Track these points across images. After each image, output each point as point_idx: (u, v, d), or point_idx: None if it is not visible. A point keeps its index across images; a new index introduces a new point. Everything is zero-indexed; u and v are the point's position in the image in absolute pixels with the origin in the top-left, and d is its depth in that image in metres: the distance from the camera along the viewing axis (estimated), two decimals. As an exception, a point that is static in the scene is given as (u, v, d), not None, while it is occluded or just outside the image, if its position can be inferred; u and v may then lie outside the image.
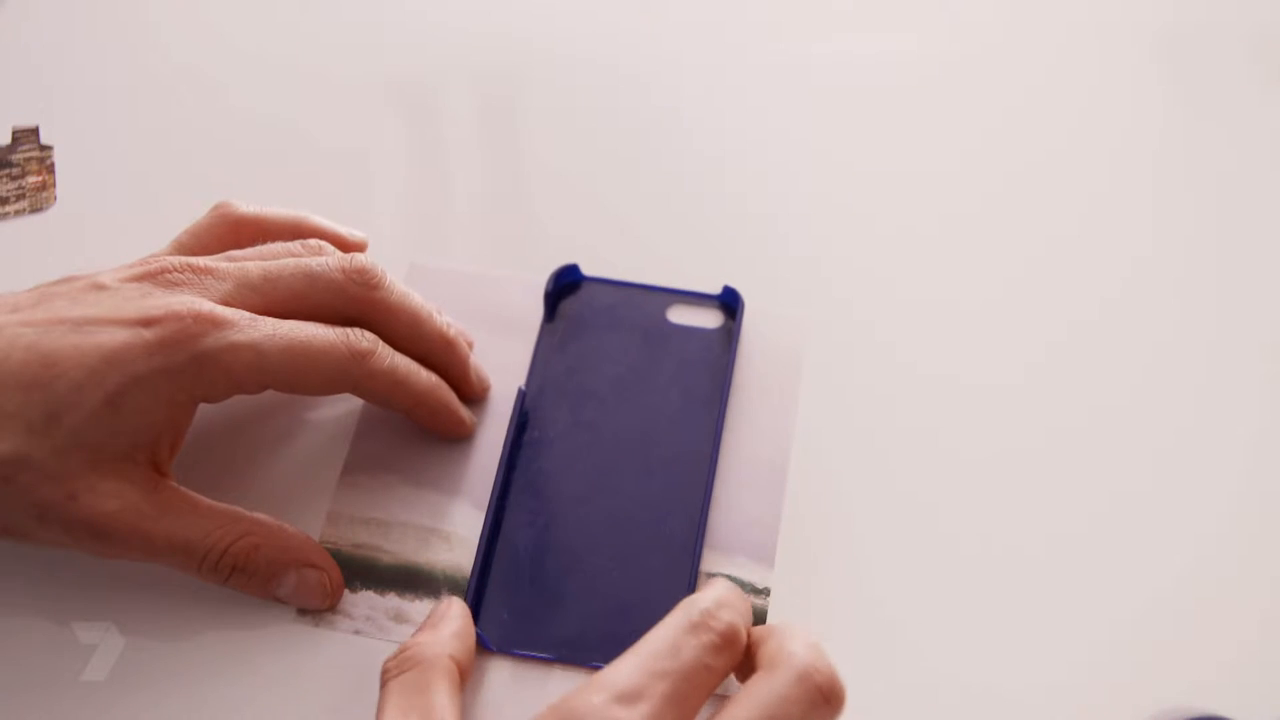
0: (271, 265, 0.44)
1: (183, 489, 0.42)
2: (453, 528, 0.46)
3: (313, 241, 0.47)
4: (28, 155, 0.56)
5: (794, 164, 0.57)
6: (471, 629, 0.42)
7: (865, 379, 0.50)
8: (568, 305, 0.51)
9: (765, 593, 0.45)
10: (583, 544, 0.45)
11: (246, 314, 0.42)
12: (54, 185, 0.55)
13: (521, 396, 0.48)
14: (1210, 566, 0.46)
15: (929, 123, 0.58)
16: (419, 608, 0.44)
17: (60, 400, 0.40)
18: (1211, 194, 0.56)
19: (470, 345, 0.49)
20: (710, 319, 0.51)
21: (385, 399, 0.45)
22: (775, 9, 0.62)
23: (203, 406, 0.48)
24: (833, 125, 0.58)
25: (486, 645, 0.43)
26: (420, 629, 0.41)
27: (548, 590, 0.44)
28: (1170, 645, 0.44)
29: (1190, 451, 0.48)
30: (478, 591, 0.44)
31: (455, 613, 0.42)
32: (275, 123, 0.57)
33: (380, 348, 0.44)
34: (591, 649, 0.43)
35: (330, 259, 0.45)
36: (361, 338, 0.44)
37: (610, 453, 0.47)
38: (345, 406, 0.49)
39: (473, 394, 0.48)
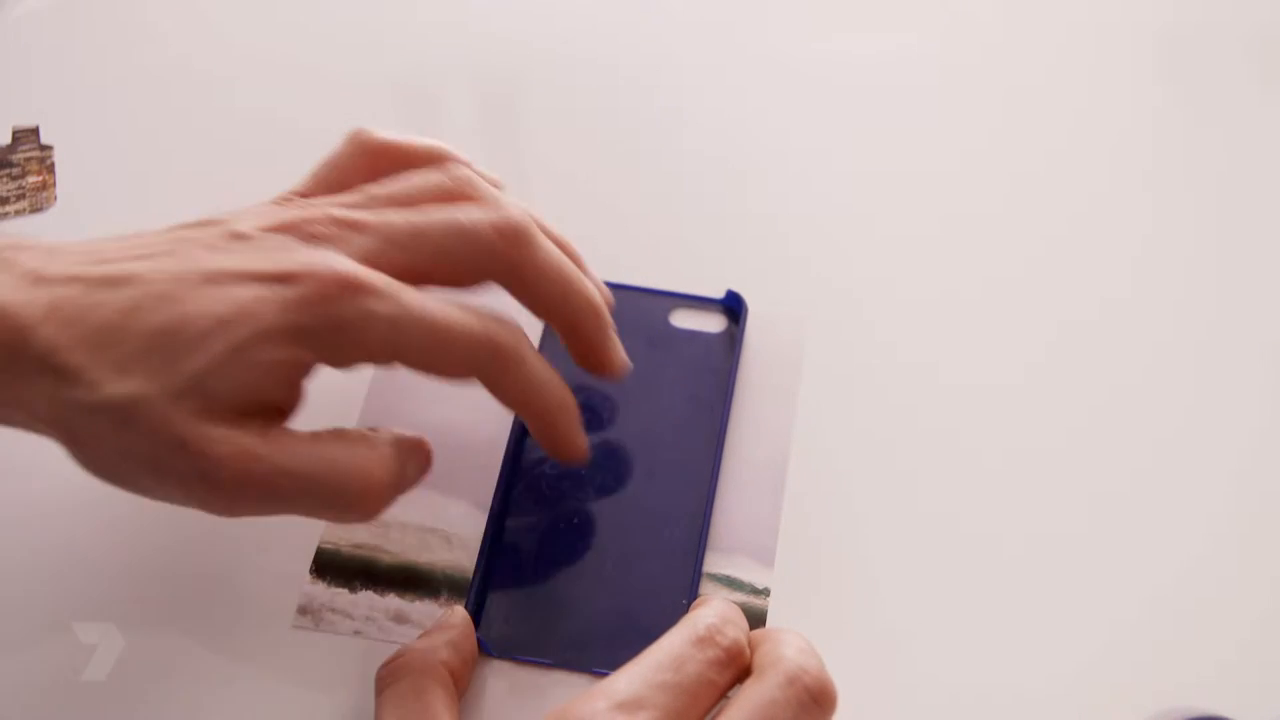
0: (419, 220, 0.41)
1: (299, 432, 0.40)
2: (453, 528, 0.46)
3: (459, 171, 0.43)
4: (28, 155, 0.56)
5: (795, 164, 0.57)
6: (472, 636, 0.42)
7: (865, 379, 0.50)
8: None
9: (765, 593, 0.45)
10: (584, 547, 0.45)
11: (389, 282, 0.39)
12: (54, 185, 0.55)
13: (522, 397, 0.48)
14: (1210, 566, 0.46)
15: (929, 123, 0.58)
16: (419, 608, 0.44)
17: (186, 348, 0.38)
18: (1211, 194, 0.56)
19: (612, 308, 0.45)
20: (713, 323, 0.51)
21: (509, 401, 0.43)
22: (775, 9, 0.62)
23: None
24: (834, 125, 0.58)
25: (487, 650, 0.43)
26: (420, 636, 0.41)
27: (549, 594, 0.44)
28: (1170, 645, 0.44)
29: (1190, 451, 0.48)
30: (479, 595, 0.44)
31: (454, 621, 0.41)
32: (275, 123, 0.57)
33: (521, 345, 0.42)
34: (593, 653, 0.43)
35: (481, 213, 0.42)
36: (506, 332, 0.41)
37: (612, 456, 0.47)
38: (345, 406, 0.49)
39: (610, 373, 0.45)
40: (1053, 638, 0.44)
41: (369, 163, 0.45)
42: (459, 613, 0.42)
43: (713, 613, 0.37)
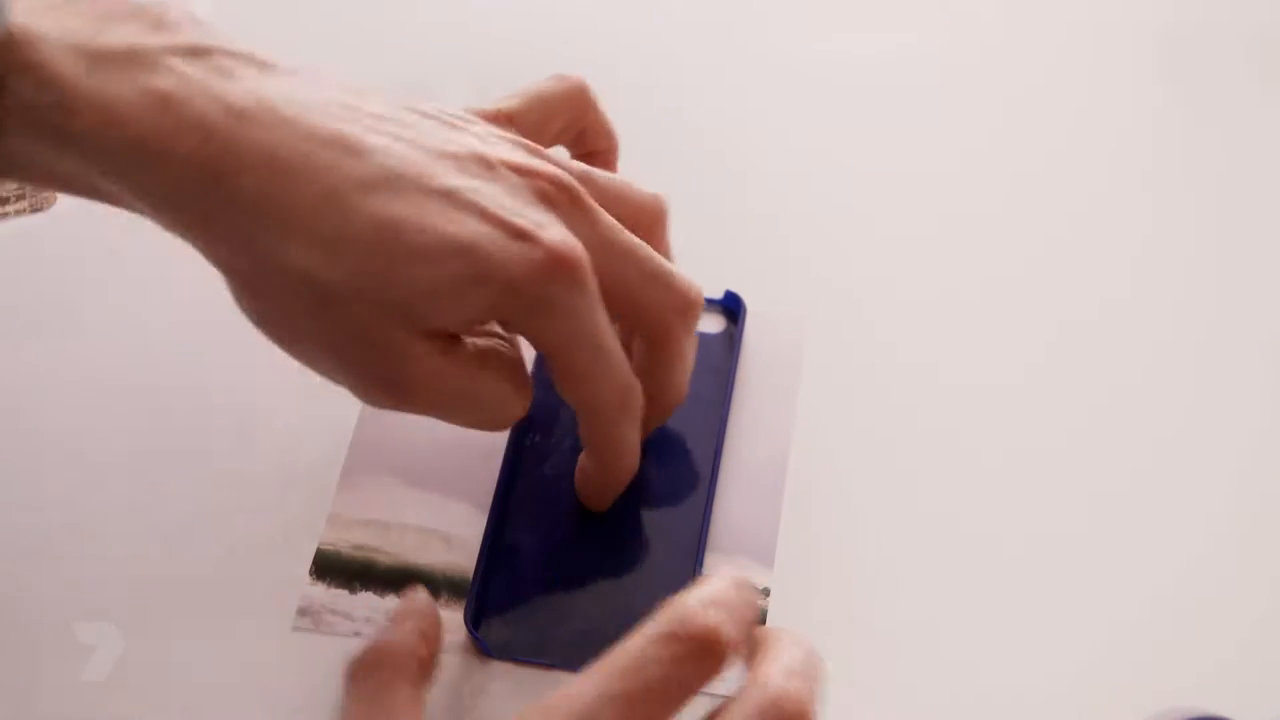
0: (635, 241, 0.41)
1: (469, 353, 0.40)
2: (453, 529, 0.46)
3: (663, 204, 0.44)
4: (28, 155, 0.55)
5: (794, 164, 0.56)
6: (437, 619, 0.41)
7: (865, 379, 0.50)
8: None
9: (765, 593, 0.45)
10: (584, 548, 0.45)
11: (596, 287, 0.39)
12: (54, 185, 0.55)
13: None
14: (1210, 566, 0.46)
15: (929, 123, 0.58)
16: (419, 609, 0.44)
17: (410, 258, 0.37)
18: (1211, 194, 0.56)
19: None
20: (712, 324, 0.51)
21: (596, 447, 0.43)
22: (775, 9, 0.62)
23: (197, 405, 0.48)
24: (833, 125, 0.58)
25: (486, 651, 0.43)
26: (385, 627, 0.40)
27: (549, 595, 0.44)
28: (1170, 645, 0.44)
29: (1190, 451, 0.48)
30: (479, 596, 0.44)
31: (418, 606, 0.40)
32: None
33: (639, 418, 0.43)
34: (593, 654, 0.43)
35: (682, 276, 0.42)
36: (636, 399, 0.42)
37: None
38: (345, 407, 0.49)
39: (658, 425, 0.46)
40: (1053, 638, 0.44)
41: (575, 113, 0.45)
42: (422, 597, 0.41)
43: (696, 596, 0.34)
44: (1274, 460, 0.48)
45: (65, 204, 0.55)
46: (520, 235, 0.38)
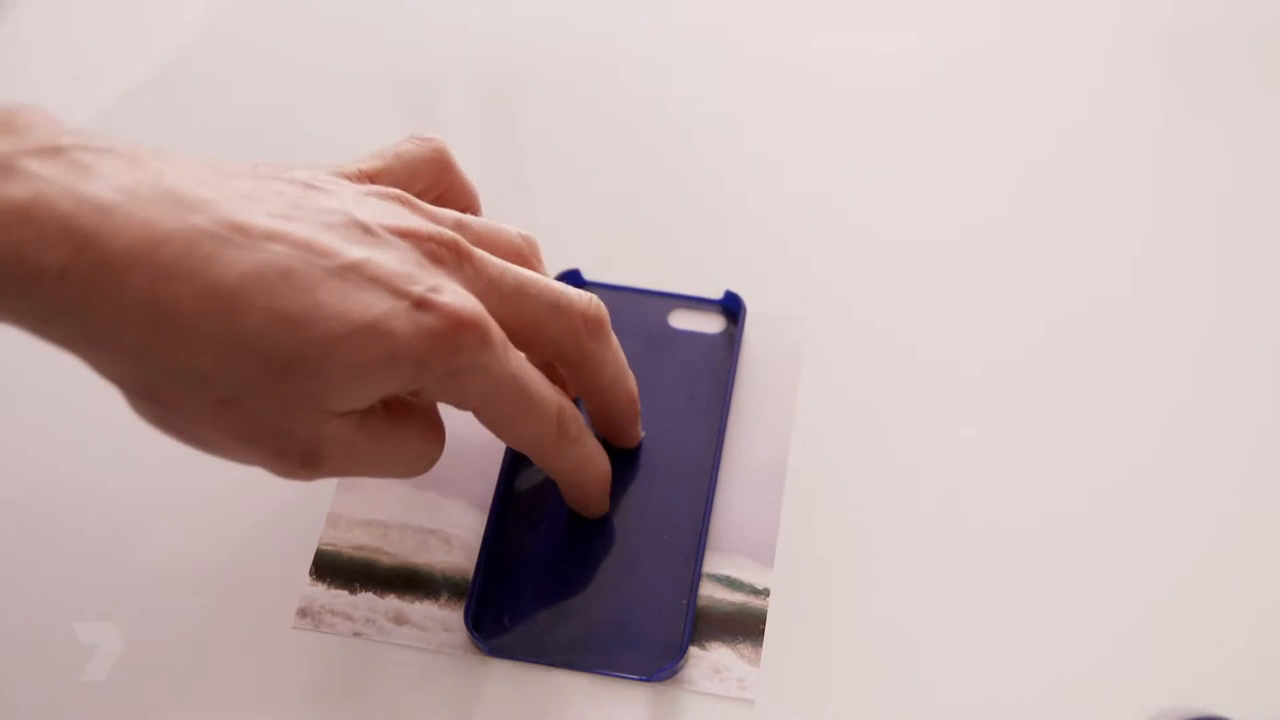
0: (524, 277, 0.41)
1: (383, 419, 0.39)
2: (453, 530, 0.46)
3: (531, 240, 0.44)
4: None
5: (795, 164, 0.57)
6: None
7: (865, 379, 0.50)
8: None
9: (765, 593, 0.45)
10: (584, 548, 0.45)
11: (503, 337, 0.39)
12: (54, 186, 0.55)
13: (522, 398, 0.48)
14: (1211, 565, 0.46)
15: (929, 122, 0.58)
16: (419, 610, 0.44)
17: (311, 348, 0.35)
18: (1211, 193, 0.56)
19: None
20: (712, 324, 0.51)
21: (554, 474, 0.44)
22: (775, 9, 0.62)
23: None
24: (833, 125, 0.58)
25: (486, 651, 0.43)
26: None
27: (548, 595, 0.44)
28: (1170, 645, 0.44)
29: (1191, 450, 0.48)
30: (478, 596, 0.44)
31: None
32: (275, 123, 0.57)
33: (583, 428, 0.43)
34: (592, 654, 0.43)
35: (574, 294, 0.42)
36: (571, 420, 0.42)
37: (612, 457, 0.47)
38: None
39: (627, 446, 0.47)
40: (1054, 637, 0.44)
41: (436, 175, 0.44)
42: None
43: None
44: (1274, 460, 0.48)
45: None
46: (421, 304, 0.37)
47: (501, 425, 0.41)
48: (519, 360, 0.40)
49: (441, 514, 0.46)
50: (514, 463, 0.47)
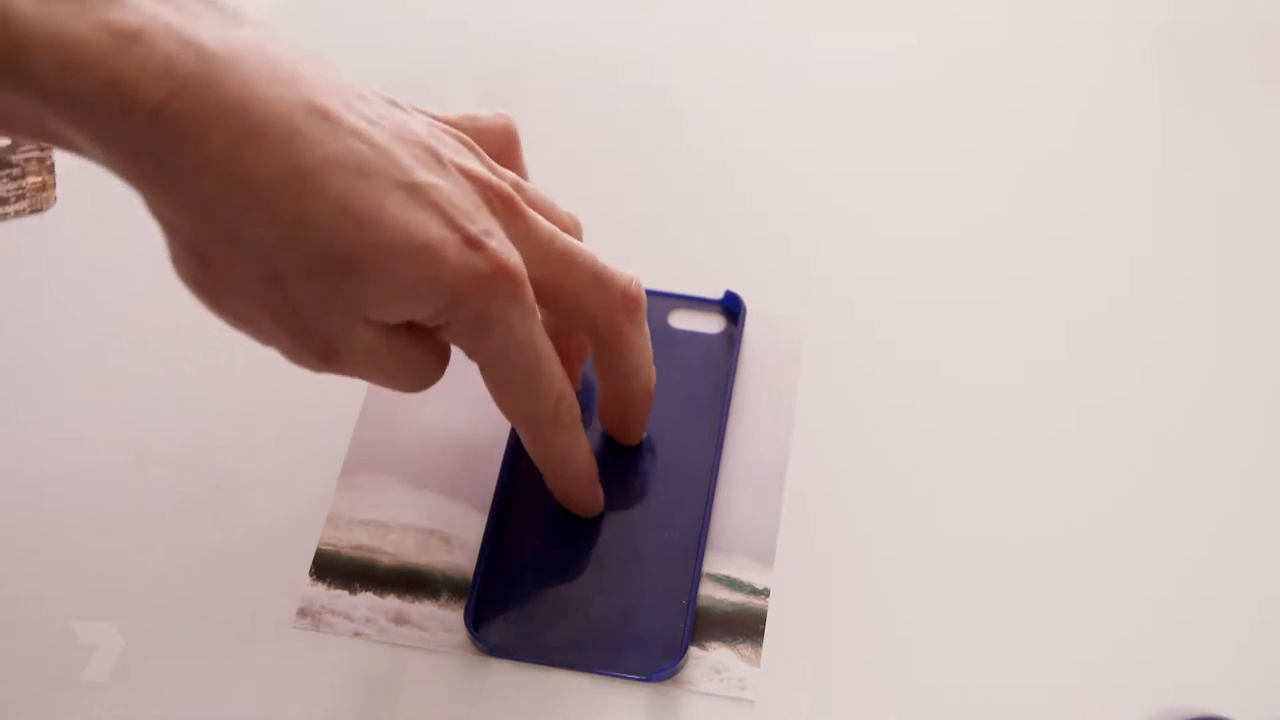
0: (573, 245, 0.42)
1: (403, 334, 0.40)
2: (453, 530, 0.46)
3: (578, 221, 0.45)
4: (28, 155, 0.56)
5: (794, 165, 0.56)
6: None
7: (864, 379, 0.50)
8: None
9: (765, 593, 0.45)
10: (584, 548, 0.45)
11: (533, 298, 0.40)
12: (54, 185, 0.55)
13: (522, 398, 0.48)
14: (1210, 566, 0.46)
15: (929, 122, 0.58)
16: (419, 609, 0.44)
17: (369, 251, 0.36)
18: (1211, 194, 0.56)
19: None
20: (712, 324, 0.51)
21: (540, 458, 0.44)
22: (775, 9, 0.62)
23: (197, 405, 0.48)
24: (833, 126, 0.58)
25: (486, 651, 0.43)
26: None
27: (548, 595, 0.44)
28: (1170, 645, 0.44)
29: (1191, 451, 0.48)
30: (478, 596, 0.44)
31: None
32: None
33: (577, 417, 0.43)
34: (593, 654, 0.43)
35: (619, 272, 0.43)
36: (567, 407, 0.42)
37: (611, 458, 0.47)
38: (345, 406, 0.49)
39: (630, 442, 0.47)
40: (1053, 638, 0.44)
41: (500, 147, 0.44)
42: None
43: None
44: (1274, 460, 0.48)
45: (65, 204, 0.55)
46: (472, 243, 0.38)
47: (504, 388, 0.41)
48: (540, 331, 0.41)
49: (441, 514, 0.46)
50: (514, 464, 0.47)
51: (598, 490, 0.46)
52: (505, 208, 0.40)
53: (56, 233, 0.53)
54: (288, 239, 0.36)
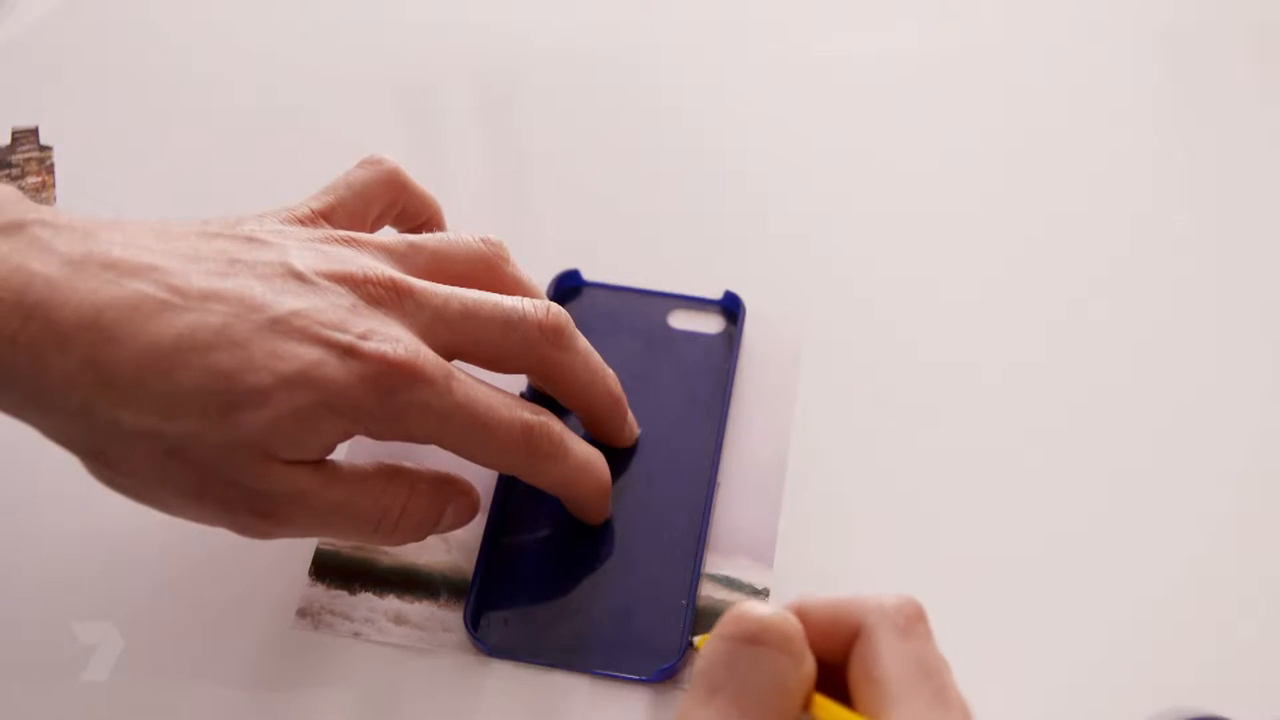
0: (470, 301, 0.41)
1: (345, 467, 0.40)
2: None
3: (495, 243, 0.44)
4: (27, 155, 0.56)
5: (794, 165, 0.57)
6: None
7: (864, 379, 0.50)
8: (569, 310, 0.51)
9: (765, 593, 0.45)
10: (583, 548, 0.45)
11: (444, 372, 0.39)
12: (54, 185, 0.55)
13: (522, 398, 0.48)
14: (1210, 566, 0.46)
15: (929, 122, 0.58)
16: (418, 610, 0.44)
17: (245, 398, 0.37)
18: (1211, 193, 0.56)
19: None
20: (711, 324, 0.51)
21: (547, 488, 0.44)
22: (775, 8, 0.62)
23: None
24: (833, 126, 0.58)
25: (486, 651, 0.43)
26: None
27: (548, 595, 0.44)
28: (1170, 645, 0.44)
29: (1190, 451, 0.48)
30: (478, 597, 0.44)
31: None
32: (275, 122, 0.57)
33: (558, 438, 0.42)
34: (593, 654, 0.43)
35: (528, 307, 0.42)
36: (543, 436, 0.42)
37: (611, 457, 0.47)
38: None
39: (622, 445, 0.47)
40: (1053, 637, 0.44)
41: (392, 196, 0.45)
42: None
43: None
44: (1274, 460, 0.48)
45: (65, 204, 0.55)
46: (350, 352, 0.38)
47: (465, 453, 0.41)
48: (468, 389, 0.40)
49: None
50: (514, 463, 0.47)
51: (608, 501, 0.45)
52: (390, 293, 0.40)
53: None
54: (167, 415, 0.37)
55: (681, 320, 0.51)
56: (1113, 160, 0.57)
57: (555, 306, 0.43)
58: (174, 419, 0.37)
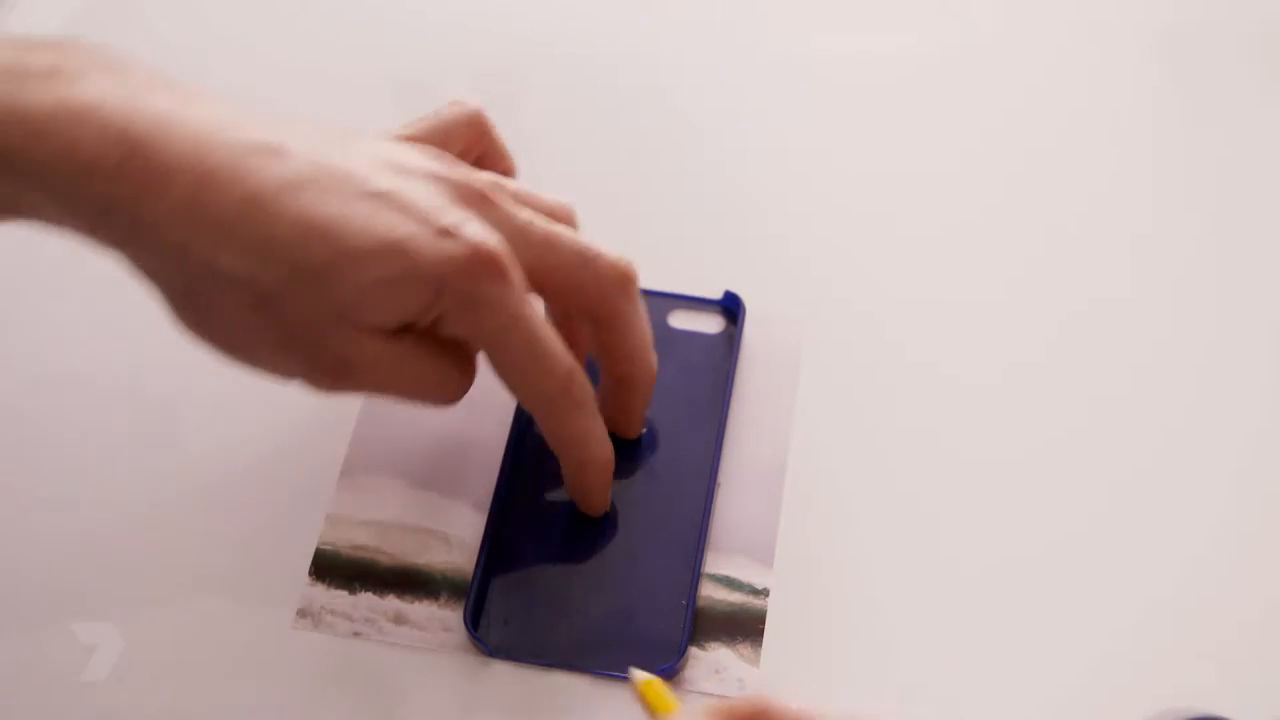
0: (553, 229, 0.42)
1: (408, 339, 0.40)
2: (452, 530, 0.46)
3: (565, 201, 0.45)
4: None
5: (793, 165, 0.56)
6: None
7: (864, 379, 0.50)
8: None
9: (764, 593, 0.45)
10: (583, 548, 0.45)
11: (524, 281, 0.40)
12: (54, 185, 0.55)
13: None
14: (1210, 566, 0.46)
15: (929, 122, 0.58)
16: (418, 610, 0.44)
17: (340, 257, 0.38)
18: (1211, 193, 0.56)
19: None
20: (711, 324, 0.51)
21: (558, 443, 0.44)
22: (775, 8, 0.62)
23: (197, 405, 0.48)
24: (832, 126, 0.58)
25: (486, 651, 0.43)
26: None
27: (548, 595, 0.44)
28: (1170, 645, 0.44)
29: (1190, 452, 0.48)
30: (478, 596, 0.44)
31: None
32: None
33: (590, 398, 0.43)
34: (593, 654, 0.43)
35: (606, 251, 0.43)
36: (580, 385, 0.42)
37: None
38: (345, 406, 0.49)
39: (630, 435, 0.47)
40: (1053, 638, 0.44)
41: (472, 137, 0.45)
42: None
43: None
44: (1274, 460, 0.48)
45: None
46: (444, 233, 0.39)
47: (511, 371, 0.41)
48: (535, 310, 0.41)
49: (441, 514, 0.46)
50: (514, 463, 0.47)
51: (609, 485, 0.45)
52: (478, 199, 0.41)
53: (56, 233, 0.53)
54: (261, 263, 0.38)
55: (681, 320, 0.51)
56: (1113, 160, 0.57)
57: (628, 259, 0.44)
58: (269, 268, 0.38)
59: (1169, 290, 0.53)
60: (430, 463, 0.47)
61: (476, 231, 0.39)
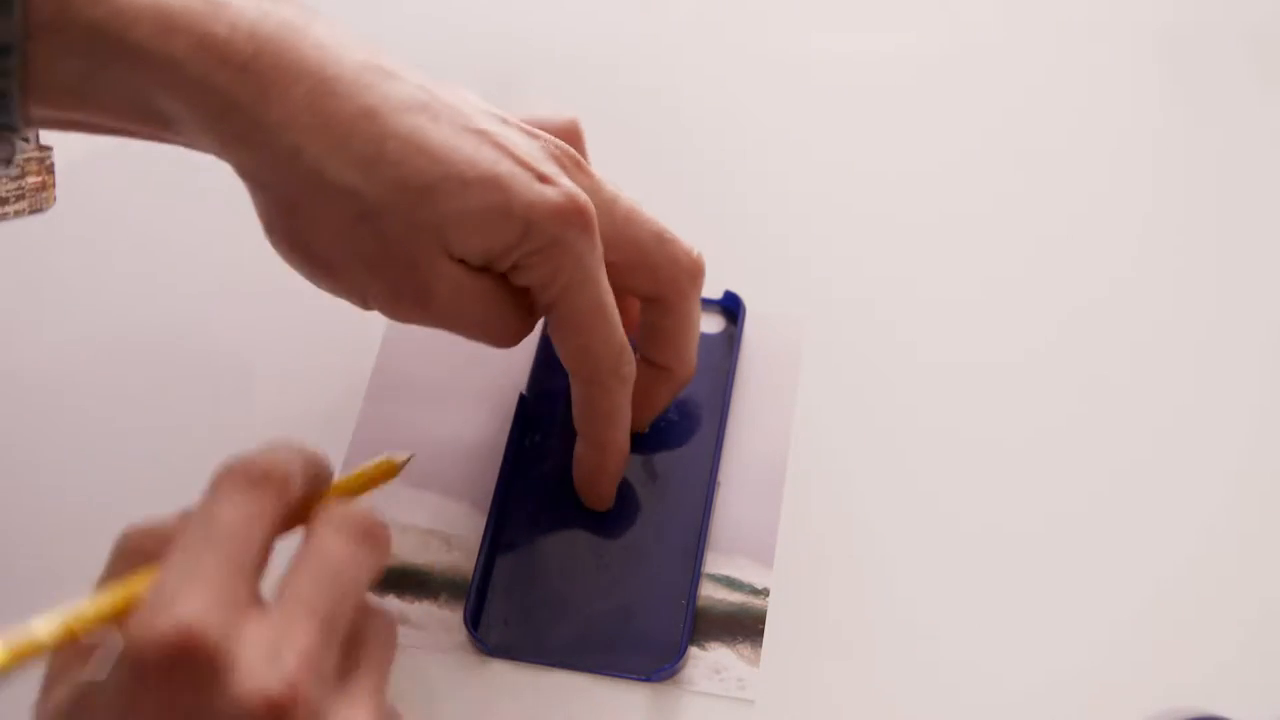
0: (637, 206, 0.44)
1: (487, 278, 0.41)
2: (452, 530, 0.46)
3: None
4: (27, 156, 0.55)
5: (793, 165, 0.56)
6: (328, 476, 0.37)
7: (864, 379, 0.50)
8: None
9: (765, 593, 0.45)
10: (583, 548, 0.45)
11: (600, 245, 0.41)
12: (54, 185, 0.55)
13: (523, 402, 0.48)
14: (1210, 565, 0.46)
15: (929, 122, 0.58)
16: (418, 609, 0.44)
17: (444, 182, 0.39)
18: (1211, 193, 0.56)
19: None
20: (712, 324, 0.51)
21: (586, 418, 0.44)
22: (775, 9, 0.62)
23: (199, 405, 0.48)
24: (833, 126, 0.58)
25: (486, 651, 0.43)
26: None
27: (548, 595, 0.44)
28: (1170, 645, 0.44)
29: (1190, 451, 0.48)
30: (478, 596, 0.44)
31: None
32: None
33: (632, 377, 0.43)
34: (592, 654, 0.43)
35: (681, 240, 0.44)
36: (629, 361, 0.43)
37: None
38: (345, 406, 0.49)
39: (639, 428, 0.47)
40: (1054, 637, 0.44)
41: (564, 139, 0.45)
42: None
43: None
44: (1274, 460, 0.48)
45: (65, 204, 0.55)
46: (543, 179, 0.40)
47: (571, 331, 0.42)
48: (606, 278, 0.42)
49: (441, 514, 0.46)
50: (515, 463, 0.47)
51: (617, 480, 0.46)
52: (572, 163, 0.42)
53: (57, 233, 0.53)
54: (369, 176, 0.38)
55: (682, 320, 0.51)
56: (1112, 160, 0.57)
57: (699, 251, 0.45)
58: (374, 182, 0.38)
59: (1169, 290, 0.53)
60: (430, 463, 0.47)
61: (570, 183, 0.41)
